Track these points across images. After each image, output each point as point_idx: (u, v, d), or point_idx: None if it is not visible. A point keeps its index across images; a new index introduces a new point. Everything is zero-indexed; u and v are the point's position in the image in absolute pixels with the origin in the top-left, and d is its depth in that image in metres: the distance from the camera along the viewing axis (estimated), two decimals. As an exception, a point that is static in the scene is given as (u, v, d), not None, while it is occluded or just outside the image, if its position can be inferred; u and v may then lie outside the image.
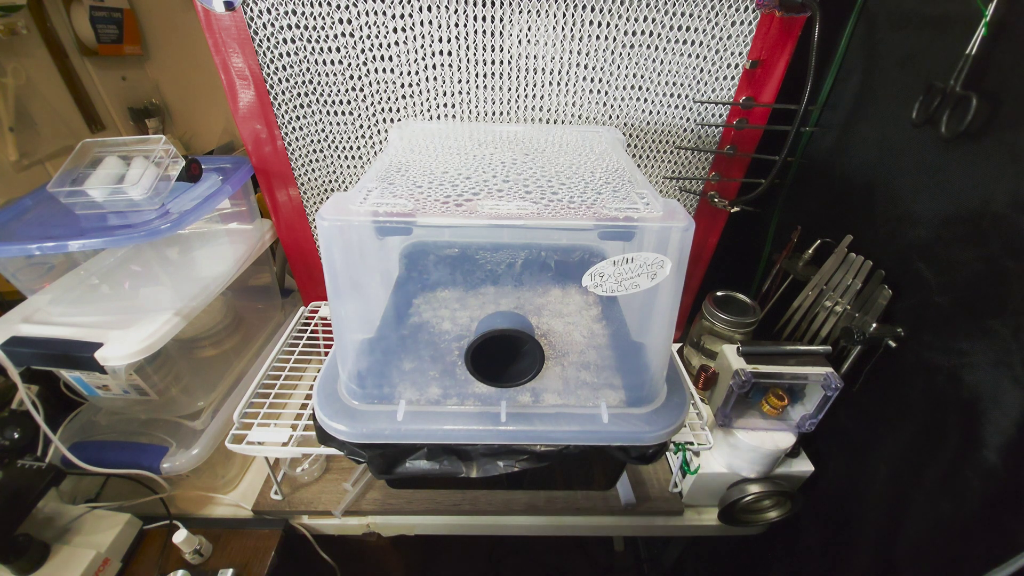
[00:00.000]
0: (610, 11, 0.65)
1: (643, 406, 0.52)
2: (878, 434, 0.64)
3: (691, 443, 0.65)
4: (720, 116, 0.75)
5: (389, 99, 0.72)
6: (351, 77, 0.69)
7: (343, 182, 0.81)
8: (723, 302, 0.81)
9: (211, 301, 0.71)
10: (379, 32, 0.66)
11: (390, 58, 0.68)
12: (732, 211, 0.82)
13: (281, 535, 0.73)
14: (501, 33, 0.66)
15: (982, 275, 0.51)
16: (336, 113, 0.73)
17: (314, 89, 0.70)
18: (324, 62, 0.68)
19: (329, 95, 0.71)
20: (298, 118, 0.73)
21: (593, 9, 0.65)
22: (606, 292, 0.44)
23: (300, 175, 0.79)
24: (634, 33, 0.67)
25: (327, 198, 0.79)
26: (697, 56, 0.69)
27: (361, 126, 0.74)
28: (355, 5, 0.63)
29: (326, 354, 0.72)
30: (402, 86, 0.70)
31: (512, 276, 0.50)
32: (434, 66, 0.69)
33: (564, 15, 0.65)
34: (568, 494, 0.80)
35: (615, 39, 0.67)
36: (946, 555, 0.54)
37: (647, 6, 0.65)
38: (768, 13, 0.65)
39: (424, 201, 0.43)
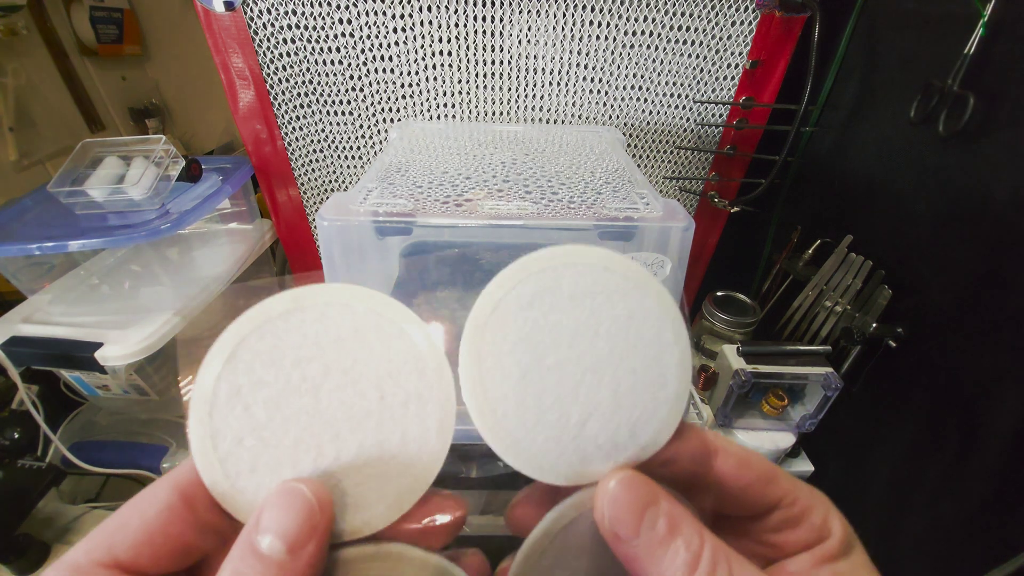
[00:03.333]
0: (610, 11, 0.65)
1: (643, 406, 0.52)
2: (878, 434, 0.64)
3: (691, 443, 0.65)
4: (720, 116, 0.75)
5: (389, 99, 0.72)
6: (351, 77, 0.69)
7: (343, 182, 0.81)
8: (723, 302, 0.81)
9: (211, 301, 0.71)
10: (379, 32, 0.66)
11: (390, 58, 0.68)
12: (732, 211, 0.82)
13: (281, 535, 0.72)
14: (501, 33, 0.66)
15: (982, 275, 0.51)
16: (336, 113, 0.73)
17: (314, 89, 0.70)
18: (324, 62, 0.68)
19: (329, 95, 0.71)
20: (298, 118, 0.73)
21: (593, 9, 0.65)
22: (606, 292, 0.44)
23: (300, 175, 0.79)
24: (634, 33, 0.67)
25: (327, 198, 0.79)
26: (697, 56, 0.69)
27: (361, 126, 0.74)
28: (355, 5, 0.64)
29: (326, 354, 0.72)
30: (402, 86, 0.70)
31: (512, 276, 0.50)
32: (434, 66, 0.69)
33: (564, 15, 0.65)
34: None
35: (615, 39, 0.67)
36: (946, 555, 0.54)
37: (647, 6, 0.65)
38: (768, 13, 0.66)
39: (424, 201, 0.43)
